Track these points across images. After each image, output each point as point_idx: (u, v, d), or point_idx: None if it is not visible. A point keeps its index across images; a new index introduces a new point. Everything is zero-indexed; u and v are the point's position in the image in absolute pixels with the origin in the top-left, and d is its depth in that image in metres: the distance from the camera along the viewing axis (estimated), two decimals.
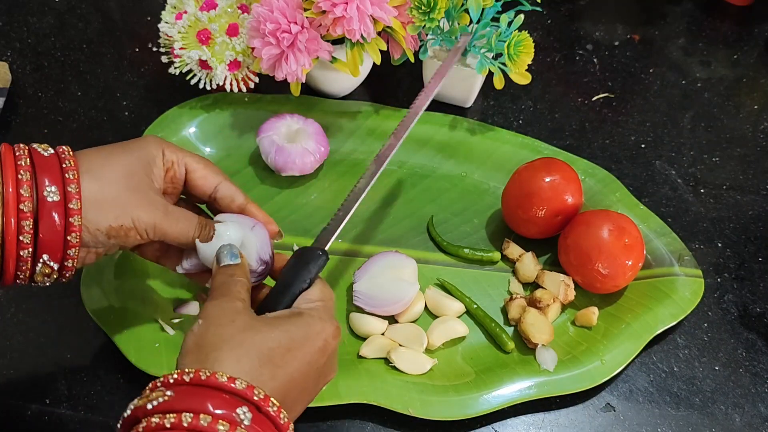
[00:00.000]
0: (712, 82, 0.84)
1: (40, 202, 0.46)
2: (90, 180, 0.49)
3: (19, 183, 0.46)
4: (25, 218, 0.46)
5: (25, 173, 0.46)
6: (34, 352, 0.61)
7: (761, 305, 0.66)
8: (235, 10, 0.73)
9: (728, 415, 0.60)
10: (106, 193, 0.49)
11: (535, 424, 0.59)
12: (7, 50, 0.85)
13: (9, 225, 0.46)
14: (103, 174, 0.49)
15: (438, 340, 0.62)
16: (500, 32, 0.70)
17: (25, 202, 0.46)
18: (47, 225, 0.47)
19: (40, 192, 0.46)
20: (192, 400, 0.40)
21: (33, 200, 0.46)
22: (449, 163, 0.74)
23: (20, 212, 0.46)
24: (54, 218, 0.47)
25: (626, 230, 0.62)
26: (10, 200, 0.46)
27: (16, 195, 0.46)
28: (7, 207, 0.46)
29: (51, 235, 0.47)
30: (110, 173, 0.50)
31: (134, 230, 0.50)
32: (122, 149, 0.52)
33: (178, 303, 0.63)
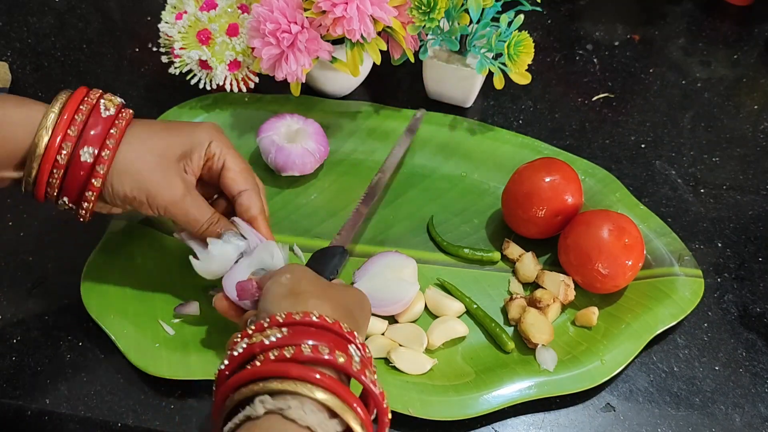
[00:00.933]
0: (712, 82, 0.84)
1: (75, 157, 0.53)
2: (126, 150, 0.54)
3: (65, 137, 0.52)
4: (58, 167, 0.53)
5: (74, 129, 0.53)
6: (34, 352, 0.61)
7: (761, 305, 0.66)
8: (235, 10, 0.73)
9: (728, 415, 0.60)
10: (133, 166, 0.54)
11: (535, 424, 0.59)
12: (7, 50, 0.85)
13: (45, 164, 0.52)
14: (141, 149, 0.55)
15: (438, 340, 0.62)
16: (500, 32, 0.70)
17: (62, 154, 0.52)
18: (72, 176, 0.53)
19: (78, 149, 0.53)
20: (307, 335, 0.45)
21: (69, 154, 0.53)
22: (449, 163, 0.74)
23: (56, 162, 0.52)
24: (79, 174, 0.53)
25: (626, 230, 0.62)
26: (53, 144, 0.52)
27: (58, 147, 0.52)
28: (49, 151, 0.52)
29: (73, 184, 0.54)
30: (147, 150, 0.55)
31: (146, 205, 0.55)
32: (174, 130, 0.57)
33: (178, 303, 0.63)
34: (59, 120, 0.52)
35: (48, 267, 0.66)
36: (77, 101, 0.54)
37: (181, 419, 0.58)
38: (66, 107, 0.53)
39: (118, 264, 0.65)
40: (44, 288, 0.65)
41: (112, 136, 0.53)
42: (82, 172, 0.53)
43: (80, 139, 0.53)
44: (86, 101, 0.54)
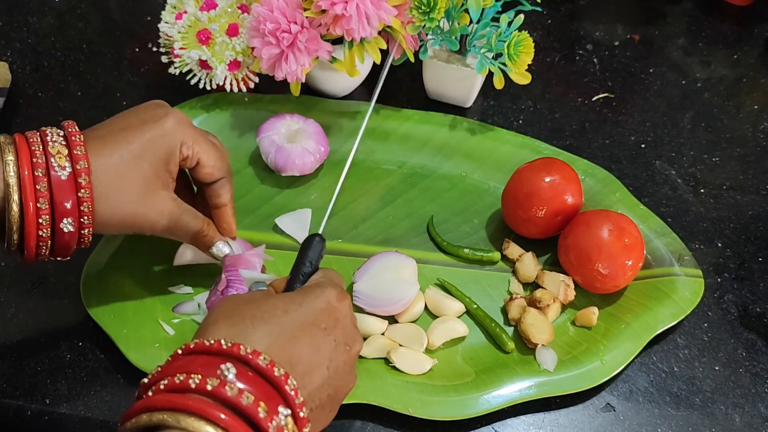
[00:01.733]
0: (712, 82, 0.84)
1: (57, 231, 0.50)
2: (101, 202, 0.51)
3: (39, 212, 0.49)
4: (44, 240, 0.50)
5: (43, 202, 0.49)
6: (34, 352, 0.61)
7: (761, 305, 0.66)
8: (235, 10, 0.73)
9: (728, 415, 0.60)
10: (114, 214, 0.52)
11: (535, 424, 0.59)
12: (7, 50, 0.85)
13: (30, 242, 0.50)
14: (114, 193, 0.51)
15: (438, 340, 0.62)
16: (500, 32, 0.70)
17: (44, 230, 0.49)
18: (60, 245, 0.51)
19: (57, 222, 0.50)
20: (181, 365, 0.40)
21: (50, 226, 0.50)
22: (449, 163, 0.74)
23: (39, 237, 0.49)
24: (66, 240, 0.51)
25: (626, 230, 0.62)
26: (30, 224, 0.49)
27: (36, 224, 0.49)
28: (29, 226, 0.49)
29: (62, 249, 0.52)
30: (122, 189, 0.52)
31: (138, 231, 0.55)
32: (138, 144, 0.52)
33: (177, 303, 0.63)
34: (23, 188, 0.48)
35: (48, 267, 0.66)
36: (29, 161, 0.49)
37: None
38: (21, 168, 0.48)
39: (118, 264, 0.65)
40: (44, 288, 0.65)
41: (84, 200, 0.50)
42: (68, 238, 0.51)
43: (54, 212, 0.49)
44: (36, 163, 0.49)
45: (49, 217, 0.49)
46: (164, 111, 0.54)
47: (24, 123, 0.77)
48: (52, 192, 0.49)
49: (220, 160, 0.58)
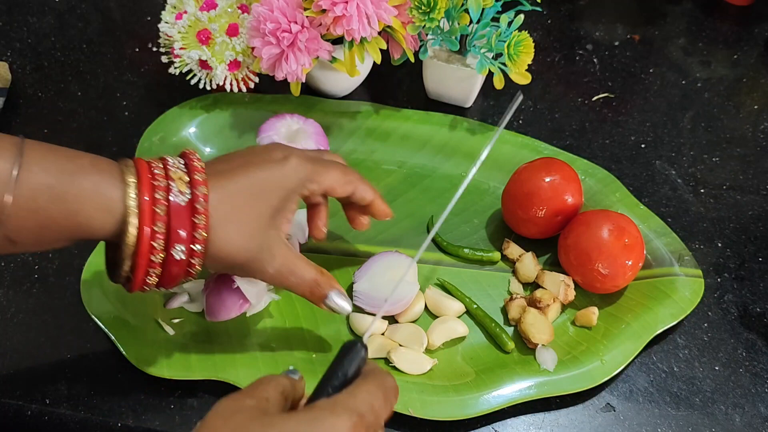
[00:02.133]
0: (712, 82, 0.84)
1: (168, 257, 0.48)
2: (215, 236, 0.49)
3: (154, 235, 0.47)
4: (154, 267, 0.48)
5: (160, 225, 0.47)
6: (34, 352, 0.61)
7: (761, 305, 0.66)
8: (235, 10, 0.73)
9: (728, 415, 0.60)
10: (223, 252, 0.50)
11: (535, 424, 0.59)
12: (7, 50, 0.85)
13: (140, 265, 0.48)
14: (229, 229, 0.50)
15: (438, 340, 0.62)
16: (500, 32, 0.70)
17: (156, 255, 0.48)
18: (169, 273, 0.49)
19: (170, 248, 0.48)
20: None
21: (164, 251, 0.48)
22: (449, 163, 0.74)
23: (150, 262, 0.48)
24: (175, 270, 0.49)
25: (626, 230, 0.62)
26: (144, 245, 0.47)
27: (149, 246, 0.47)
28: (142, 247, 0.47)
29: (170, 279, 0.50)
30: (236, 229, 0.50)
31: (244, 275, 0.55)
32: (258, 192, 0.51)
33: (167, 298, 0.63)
34: (141, 212, 0.47)
35: (48, 267, 0.66)
36: (149, 184, 0.48)
37: (181, 419, 0.58)
38: (142, 192, 0.47)
39: None
40: (44, 288, 0.65)
41: (199, 227, 0.48)
42: (177, 269, 0.49)
43: (169, 236, 0.48)
44: (157, 186, 0.48)
45: (164, 242, 0.48)
46: (286, 153, 0.53)
47: (24, 123, 0.77)
48: (169, 216, 0.47)
49: (346, 173, 0.56)
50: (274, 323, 0.63)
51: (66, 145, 0.49)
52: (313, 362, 0.60)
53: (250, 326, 0.63)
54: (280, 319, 0.63)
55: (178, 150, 0.72)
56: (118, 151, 0.75)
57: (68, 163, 0.47)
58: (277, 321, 0.63)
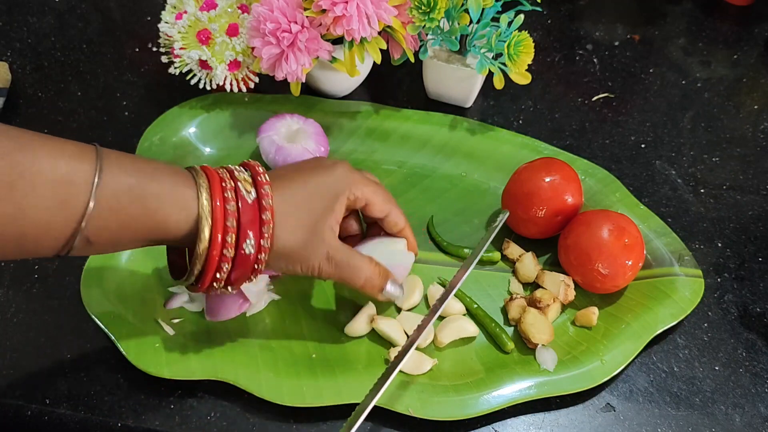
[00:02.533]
0: (712, 82, 0.84)
1: (239, 252, 0.51)
2: (281, 230, 0.52)
3: (226, 230, 0.50)
4: (225, 261, 0.51)
5: (231, 221, 0.50)
6: (34, 352, 0.61)
7: (761, 305, 0.66)
8: (235, 10, 0.73)
9: (728, 415, 0.60)
10: (286, 248, 0.53)
11: (535, 424, 0.59)
12: (7, 50, 0.85)
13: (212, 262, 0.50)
14: (289, 226, 0.53)
15: (447, 338, 0.62)
16: (500, 32, 0.70)
17: (228, 248, 0.50)
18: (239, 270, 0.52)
19: (241, 243, 0.51)
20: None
21: (233, 246, 0.50)
22: (449, 163, 0.74)
23: (222, 257, 0.50)
24: (245, 266, 0.52)
25: (626, 230, 0.62)
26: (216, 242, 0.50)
27: (222, 242, 0.50)
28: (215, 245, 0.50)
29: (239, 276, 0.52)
30: (296, 225, 0.53)
31: (299, 272, 0.55)
32: (314, 187, 0.55)
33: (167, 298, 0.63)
34: (214, 209, 0.50)
35: (48, 267, 0.66)
36: (219, 185, 0.51)
37: (181, 419, 0.58)
38: (213, 193, 0.50)
39: (118, 264, 0.65)
40: (44, 288, 0.65)
41: (266, 222, 0.51)
42: (246, 265, 0.52)
43: (239, 232, 0.50)
44: (226, 187, 0.51)
45: (235, 237, 0.50)
46: (333, 160, 0.58)
47: (24, 123, 0.77)
48: (239, 213, 0.51)
49: (387, 193, 0.60)
50: (274, 323, 0.63)
51: None
52: (312, 362, 0.60)
53: (250, 326, 0.63)
54: (280, 319, 0.63)
55: (178, 149, 0.72)
56: None
57: (146, 165, 0.49)
58: (277, 321, 0.63)
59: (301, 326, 0.63)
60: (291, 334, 0.62)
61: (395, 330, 0.62)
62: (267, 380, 0.59)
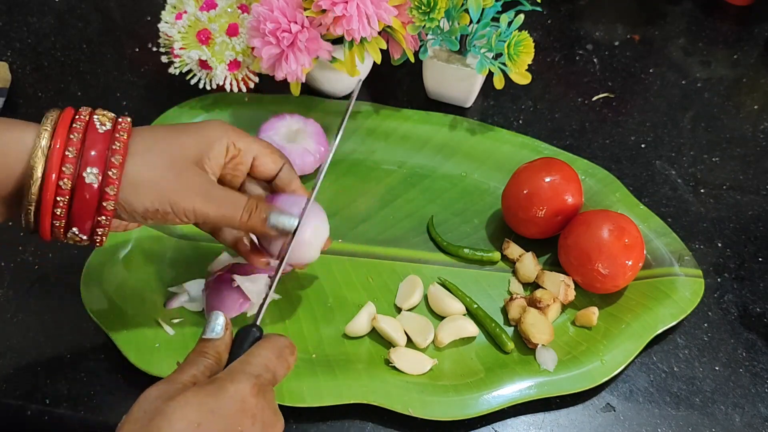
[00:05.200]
0: (712, 82, 0.84)
1: (79, 180, 0.47)
2: (134, 163, 0.48)
3: (64, 159, 0.46)
4: (62, 195, 0.47)
5: (72, 150, 0.47)
6: (34, 352, 0.61)
7: (761, 305, 0.66)
8: (235, 10, 0.73)
9: (728, 415, 0.60)
10: (145, 177, 0.49)
11: (535, 424, 0.59)
12: (7, 50, 0.85)
13: (46, 192, 0.46)
14: (149, 157, 0.49)
15: (447, 337, 0.62)
16: (500, 32, 0.70)
17: (64, 180, 0.46)
18: (80, 202, 0.47)
19: (81, 171, 0.47)
20: None
21: (72, 177, 0.47)
22: (449, 163, 0.74)
23: (58, 188, 0.46)
24: (87, 198, 0.47)
25: (626, 230, 0.62)
26: (53, 167, 0.46)
27: (59, 171, 0.46)
28: (48, 178, 0.46)
29: (82, 212, 0.48)
30: (156, 156, 0.49)
31: (171, 214, 0.50)
32: (181, 131, 0.52)
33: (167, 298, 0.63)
34: (53, 141, 0.46)
35: (48, 267, 0.66)
36: (68, 120, 0.48)
37: None
38: (58, 126, 0.47)
39: (118, 264, 0.65)
40: (44, 288, 0.65)
41: (116, 151, 0.47)
42: (90, 196, 0.47)
43: (80, 160, 0.47)
44: (78, 119, 0.48)
45: (74, 168, 0.47)
46: (205, 119, 0.55)
47: None
48: (84, 142, 0.47)
49: (275, 151, 0.56)
50: (274, 323, 0.63)
51: None
52: (312, 362, 0.60)
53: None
54: (280, 319, 0.63)
55: None
56: None
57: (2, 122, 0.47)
58: (277, 321, 0.63)
59: (301, 326, 0.63)
60: (291, 334, 0.62)
61: (395, 330, 0.62)
62: None
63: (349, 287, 0.65)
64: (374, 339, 0.63)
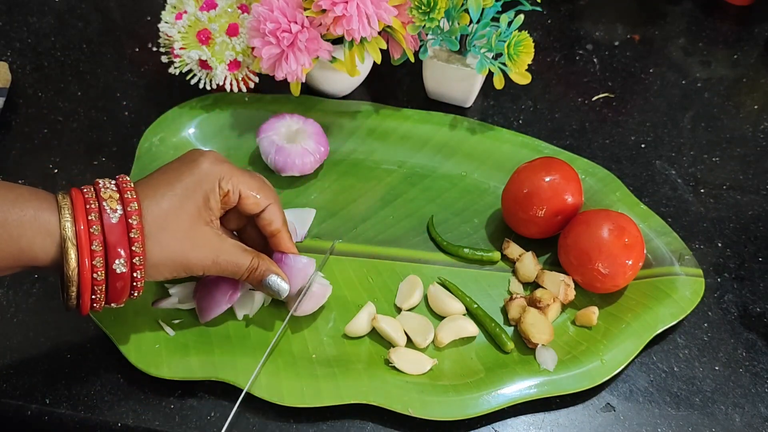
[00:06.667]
0: (712, 82, 0.84)
1: (110, 271, 0.51)
2: (152, 247, 0.52)
3: (93, 254, 0.50)
4: (98, 284, 0.51)
5: (96, 243, 0.50)
6: (34, 352, 0.61)
7: (761, 305, 0.66)
8: (235, 10, 0.73)
9: (728, 415, 0.60)
10: (165, 257, 0.53)
11: (535, 424, 0.59)
12: (7, 50, 0.85)
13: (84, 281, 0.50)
14: (163, 238, 0.53)
15: (447, 337, 0.62)
16: (500, 32, 0.70)
17: (98, 272, 0.50)
18: (114, 290, 0.52)
19: (110, 263, 0.51)
20: None
21: (104, 268, 0.51)
22: (449, 162, 0.74)
23: (94, 280, 0.50)
24: (119, 285, 0.52)
25: (626, 230, 0.62)
26: (85, 261, 0.50)
27: (92, 266, 0.50)
28: (83, 269, 0.50)
29: (117, 295, 0.52)
30: (168, 231, 0.53)
31: (186, 275, 0.55)
32: (179, 184, 0.54)
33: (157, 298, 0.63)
34: (78, 232, 0.49)
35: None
36: (81, 206, 0.51)
37: (181, 419, 0.58)
38: (76, 214, 0.50)
39: None
40: (44, 288, 0.65)
41: (135, 240, 0.51)
42: (121, 283, 0.52)
43: (107, 253, 0.50)
44: (90, 209, 0.51)
45: (103, 260, 0.50)
46: (199, 153, 0.57)
47: (24, 123, 0.77)
48: (104, 234, 0.50)
49: (263, 188, 0.59)
50: (274, 323, 0.63)
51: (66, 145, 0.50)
52: (312, 362, 0.60)
53: (249, 326, 0.63)
54: (280, 318, 0.63)
55: (178, 150, 0.72)
56: (117, 151, 0.75)
57: (9, 192, 0.50)
58: (277, 321, 0.63)
59: (301, 326, 0.63)
60: (291, 334, 0.62)
61: (395, 329, 0.62)
62: (267, 380, 0.59)
63: (349, 287, 0.65)
64: (374, 339, 0.63)
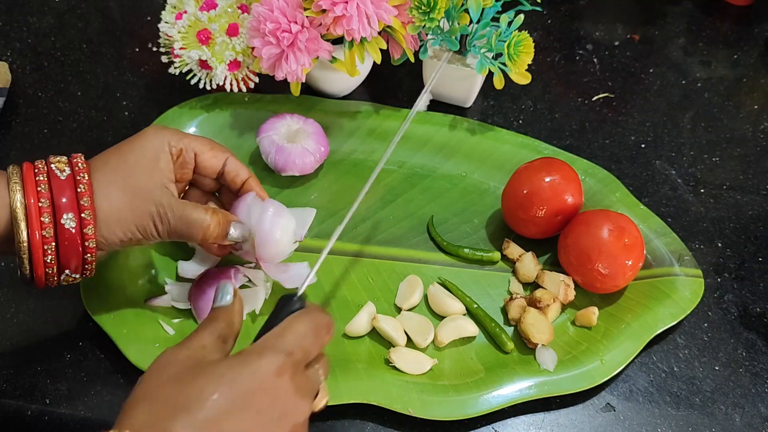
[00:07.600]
0: (712, 82, 0.84)
1: (59, 228, 0.51)
2: (100, 200, 0.52)
3: (41, 210, 0.50)
4: (48, 243, 0.51)
5: (44, 201, 0.50)
6: (34, 352, 0.61)
7: (761, 305, 0.66)
8: (235, 10, 0.73)
9: (728, 415, 0.60)
10: (113, 211, 0.52)
11: (535, 424, 0.59)
12: (7, 50, 0.85)
13: (35, 246, 0.51)
14: (111, 192, 0.53)
15: (447, 337, 0.62)
16: (500, 32, 0.70)
17: (47, 229, 0.50)
18: (65, 247, 0.51)
19: (59, 218, 0.51)
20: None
21: (52, 226, 0.51)
22: (449, 163, 0.74)
23: (43, 237, 0.50)
24: (70, 242, 0.51)
25: (626, 230, 0.62)
26: (34, 220, 0.50)
27: (39, 222, 0.50)
28: (32, 230, 0.50)
29: (69, 254, 0.52)
30: (118, 189, 0.53)
31: (143, 239, 0.54)
32: (128, 153, 0.55)
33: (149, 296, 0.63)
34: (26, 196, 0.50)
35: None
36: (31, 173, 0.51)
37: None
38: (25, 180, 0.51)
39: (118, 264, 0.65)
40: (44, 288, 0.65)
41: (83, 194, 0.51)
42: (72, 239, 0.51)
43: (54, 209, 0.51)
44: (38, 171, 0.51)
45: (51, 216, 0.50)
46: (145, 127, 0.58)
47: (24, 123, 0.77)
48: (52, 191, 0.51)
49: (215, 145, 0.59)
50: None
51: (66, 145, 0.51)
52: None
53: (249, 326, 0.63)
54: None
55: None
56: None
57: None
58: None
59: None
60: None
61: (395, 329, 0.62)
62: None
63: (349, 287, 0.65)
64: (374, 339, 0.63)
